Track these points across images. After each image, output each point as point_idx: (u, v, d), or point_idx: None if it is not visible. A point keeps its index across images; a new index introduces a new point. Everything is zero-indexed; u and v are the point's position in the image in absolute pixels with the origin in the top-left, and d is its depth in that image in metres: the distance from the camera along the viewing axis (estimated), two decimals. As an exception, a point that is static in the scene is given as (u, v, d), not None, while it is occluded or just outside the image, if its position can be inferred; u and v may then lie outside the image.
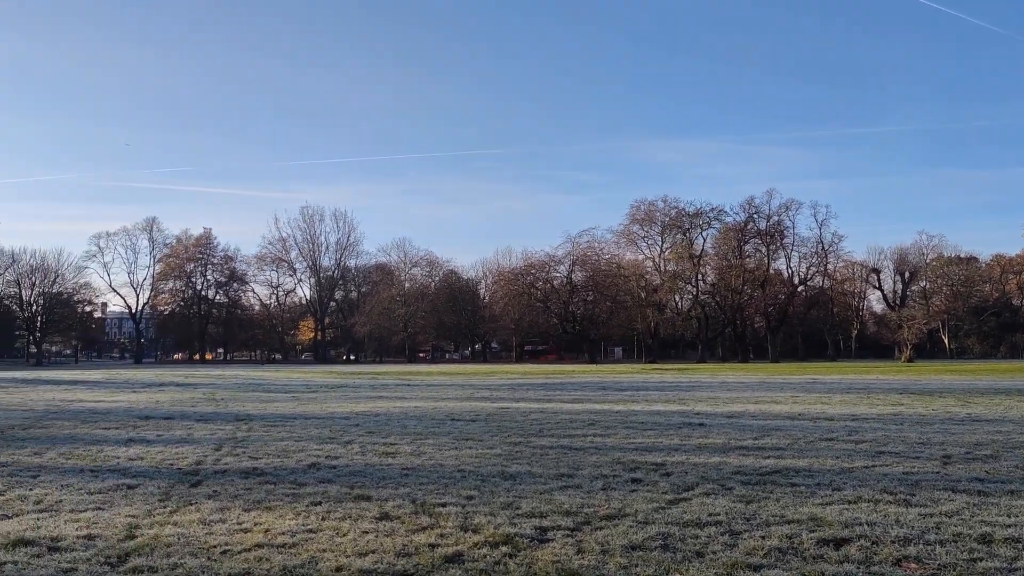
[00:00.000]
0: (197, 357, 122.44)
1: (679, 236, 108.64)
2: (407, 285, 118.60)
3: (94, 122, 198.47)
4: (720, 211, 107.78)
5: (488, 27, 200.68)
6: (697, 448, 12.24)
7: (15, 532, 6.92)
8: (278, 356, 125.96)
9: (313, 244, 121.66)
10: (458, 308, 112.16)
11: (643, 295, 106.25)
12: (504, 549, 6.31)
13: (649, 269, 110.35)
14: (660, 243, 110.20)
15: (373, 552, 6.24)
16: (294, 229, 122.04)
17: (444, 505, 7.95)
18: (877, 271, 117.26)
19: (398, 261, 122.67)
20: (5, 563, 5.98)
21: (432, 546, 6.40)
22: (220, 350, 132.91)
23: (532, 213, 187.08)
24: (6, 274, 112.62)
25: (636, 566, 5.84)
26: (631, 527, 7.02)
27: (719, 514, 7.51)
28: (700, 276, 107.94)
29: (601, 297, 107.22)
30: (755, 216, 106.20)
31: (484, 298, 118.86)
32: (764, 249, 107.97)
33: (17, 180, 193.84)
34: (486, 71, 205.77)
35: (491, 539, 6.61)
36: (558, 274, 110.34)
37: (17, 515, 7.70)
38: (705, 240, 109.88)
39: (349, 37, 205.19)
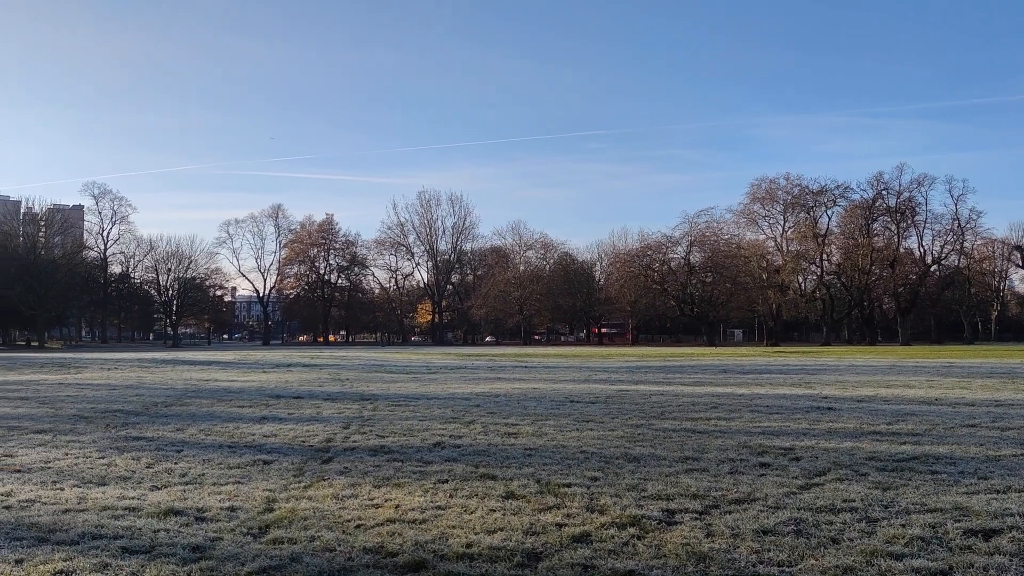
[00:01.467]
0: (320, 339, 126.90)
1: (802, 215, 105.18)
2: (522, 268, 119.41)
3: (221, 114, 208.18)
4: (846, 188, 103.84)
5: (596, 10, 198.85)
6: (827, 433, 11.82)
7: (165, 502, 7.32)
8: (397, 338, 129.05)
9: (430, 228, 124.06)
10: (573, 290, 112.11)
11: (764, 276, 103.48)
12: (631, 531, 6.25)
13: (770, 249, 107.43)
14: (782, 222, 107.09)
15: (501, 530, 6.30)
16: (412, 214, 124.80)
17: (569, 486, 7.94)
18: (1020, 248, 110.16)
19: (513, 244, 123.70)
20: (159, 530, 6.33)
21: (559, 525, 6.41)
22: (342, 332, 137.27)
23: (644, 193, 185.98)
24: (144, 260, 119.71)
25: (768, 551, 5.69)
26: (761, 512, 6.83)
27: (854, 500, 7.22)
28: (825, 256, 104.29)
29: (720, 278, 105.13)
30: (884, 192, 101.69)
31: (599, 280, 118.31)
32: (894, 227, 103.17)
33: (153, 172, 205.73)
34: (594, 53, 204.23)
35: (618, 520, 6.56)
36: (675, 255, 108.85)
37: (165, 486, 8.13)
38: (830, 218, 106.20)
39: (459, 29, 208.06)
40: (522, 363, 38.85)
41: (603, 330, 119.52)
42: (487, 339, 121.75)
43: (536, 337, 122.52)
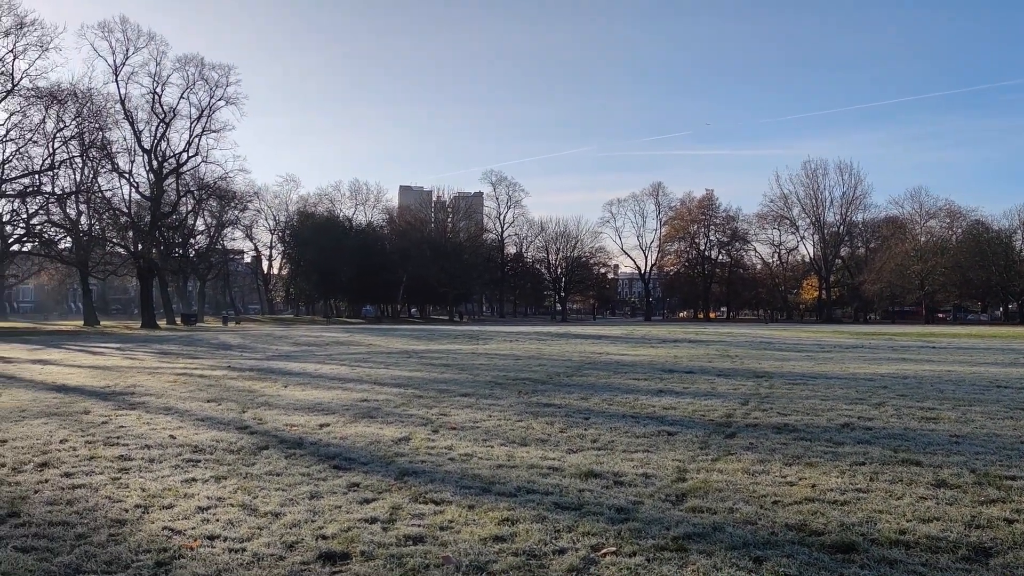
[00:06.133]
0: (701, 315, 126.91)
1: None
2: (923, 239, 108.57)
3: (600, 98, 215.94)
4: None
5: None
6: None
7: (584, 465, 7.79)
8: (781, 315, 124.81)
9: (816, 200, 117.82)
10: (987, 263, 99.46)
11: None
12: (1104, 536, 5.39)
13: None
14: None
15: (937, 519, 5.80)
16: (796, 185, 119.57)
17: (1013, 479, 7.08)
18: None
19: (912, 213, 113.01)
20: (583, 490, 6.76)
21: (1008, 521, 5.74)
22: (723, 309, 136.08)
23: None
24: (536, 241, 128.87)
25: None
26: None
27: None
28: None
29: None
30: None
31: (1021, 251, 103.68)
32: None
33: (540, 158, 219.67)
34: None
35: (1084, 522, 5.69)
36: None
37: (580, 450, 8.65)
38: None
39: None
40: (928, 343, 35.47)
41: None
42: (868, 318, 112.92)
43: (940, 315, 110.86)
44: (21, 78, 54.24)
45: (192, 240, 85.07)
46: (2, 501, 6.42)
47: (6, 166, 55.71)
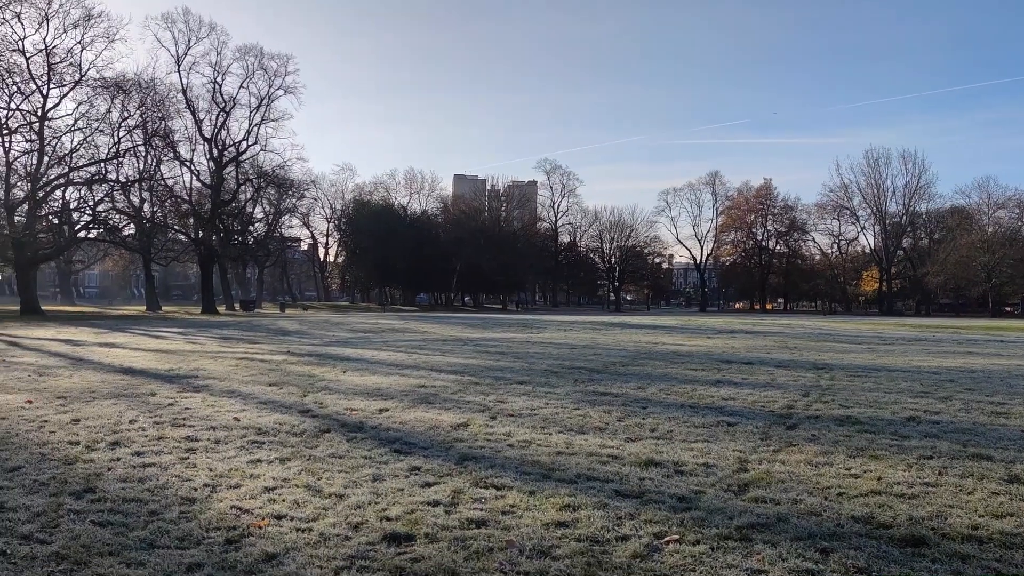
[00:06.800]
0: (757, 306, 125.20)
1: None
2: (990, 230, 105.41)
3: (654, 87, 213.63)
4: None
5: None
6: None
7: (643, 454, 7.75)
8: (840, 307, 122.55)
9: (878, 189, 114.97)
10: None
11: None
12: None
13: None
14: None
15: (1011, 515, 5.66)
16: (857, 174, 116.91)
17: (1090, 475, 6.87)
18: None
19: (979, 203, 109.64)
20: (644, 479, 6.73)
21: (1088, 520, 5.56)
22: (779, 300, 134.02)
23: None
24: (590, 230, 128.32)
25: None
26: None
27: None
28: None
29: None
30: None
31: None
32: None
33: (594, 146, 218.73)
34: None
35: None
36: None
37: (639, 439, 8.61)
38: None
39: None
40: (995, 337, 34.50)
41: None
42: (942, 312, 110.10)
43: (1007, 309, 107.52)
44: (88, 69, 55.73)
45: (251, 227, 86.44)
46: (78, 477, 6.63)
47: (74, 155, 57.31)
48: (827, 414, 10.46)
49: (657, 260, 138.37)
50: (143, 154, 64.02)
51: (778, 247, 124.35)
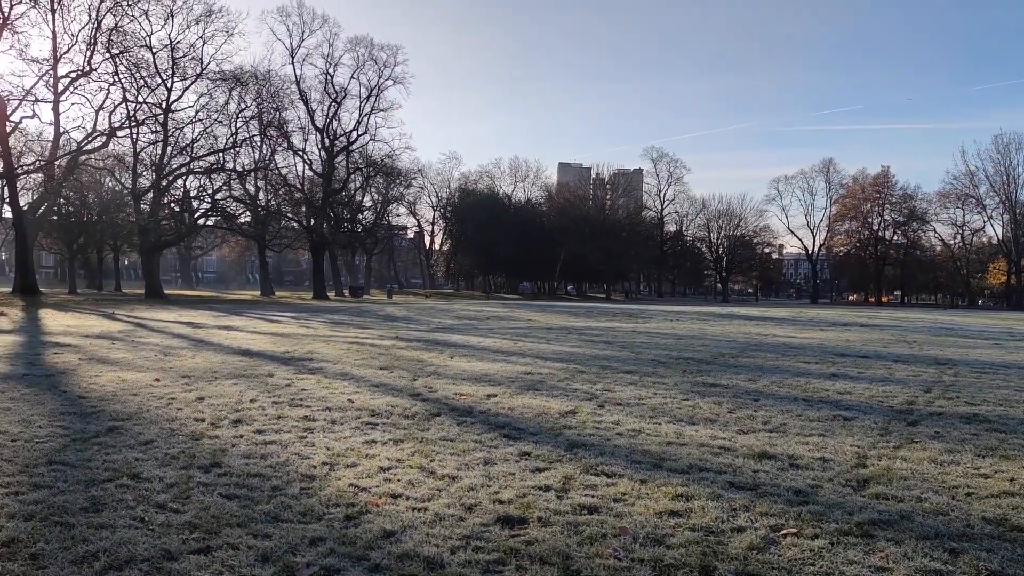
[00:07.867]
0: (872, 299, 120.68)
1: None
2: None
3: (762, 73, 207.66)
4: None
5: None
6: None
7: (756, 446, 7.59)
8: (962, 301, 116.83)
9: (1007, 177, 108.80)
10: None
11: None
12: None
13: None
14: None
15: None
16: (984, 161, 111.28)
17: None
18: None
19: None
20: (758, 471, 6.60)
21: None
22: (896, 292, 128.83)
23: None
24: (697, 219, 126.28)
25: None
26: None
27: None
28: None
29: None
30: None
31: None
32: None
33: (702, 133, 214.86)
34: None
35: None
36: None
37: (751, 432, 8.44)
38: None
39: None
40: None
41: None
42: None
43: None
44: (208, 62, 58.27)
45: (360, 215, 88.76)
46: (205, 452, 6.96)
47: (195, 145, 60.03)
48: (952, 411, 10.01)
49: (767, 250, 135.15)
50: (259, 144, 66.61)
51: (895, 237, 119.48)
